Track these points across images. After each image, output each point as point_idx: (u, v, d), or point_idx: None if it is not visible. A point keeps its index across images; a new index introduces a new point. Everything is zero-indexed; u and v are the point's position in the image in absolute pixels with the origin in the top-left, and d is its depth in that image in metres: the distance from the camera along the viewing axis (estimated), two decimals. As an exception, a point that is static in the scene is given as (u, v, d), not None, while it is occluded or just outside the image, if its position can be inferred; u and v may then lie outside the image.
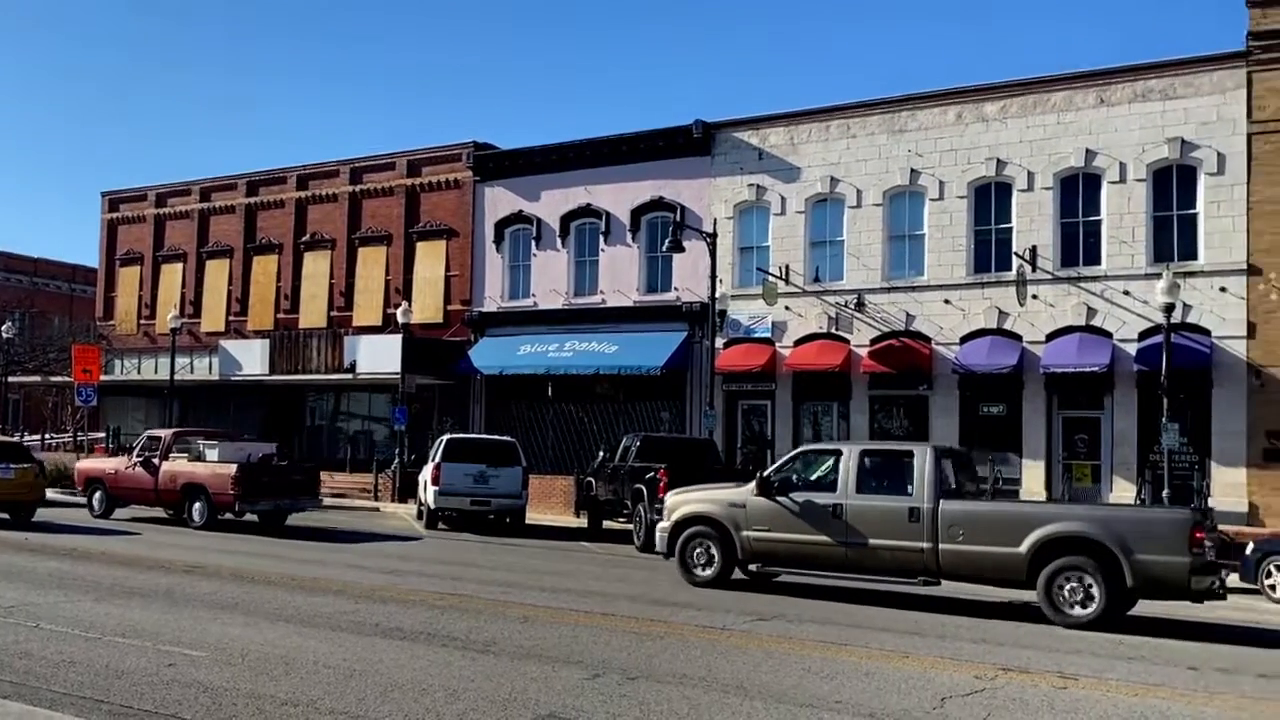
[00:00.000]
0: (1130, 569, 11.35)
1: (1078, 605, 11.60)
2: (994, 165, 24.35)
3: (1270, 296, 21.48)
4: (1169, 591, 11.60)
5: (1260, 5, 22.00)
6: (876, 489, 12.89)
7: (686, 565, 13.87)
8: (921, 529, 12.36)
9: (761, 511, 13.33)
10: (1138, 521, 11.83)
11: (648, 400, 28.66)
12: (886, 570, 12.70)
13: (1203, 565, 11.34)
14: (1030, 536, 11.82)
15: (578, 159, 30.19)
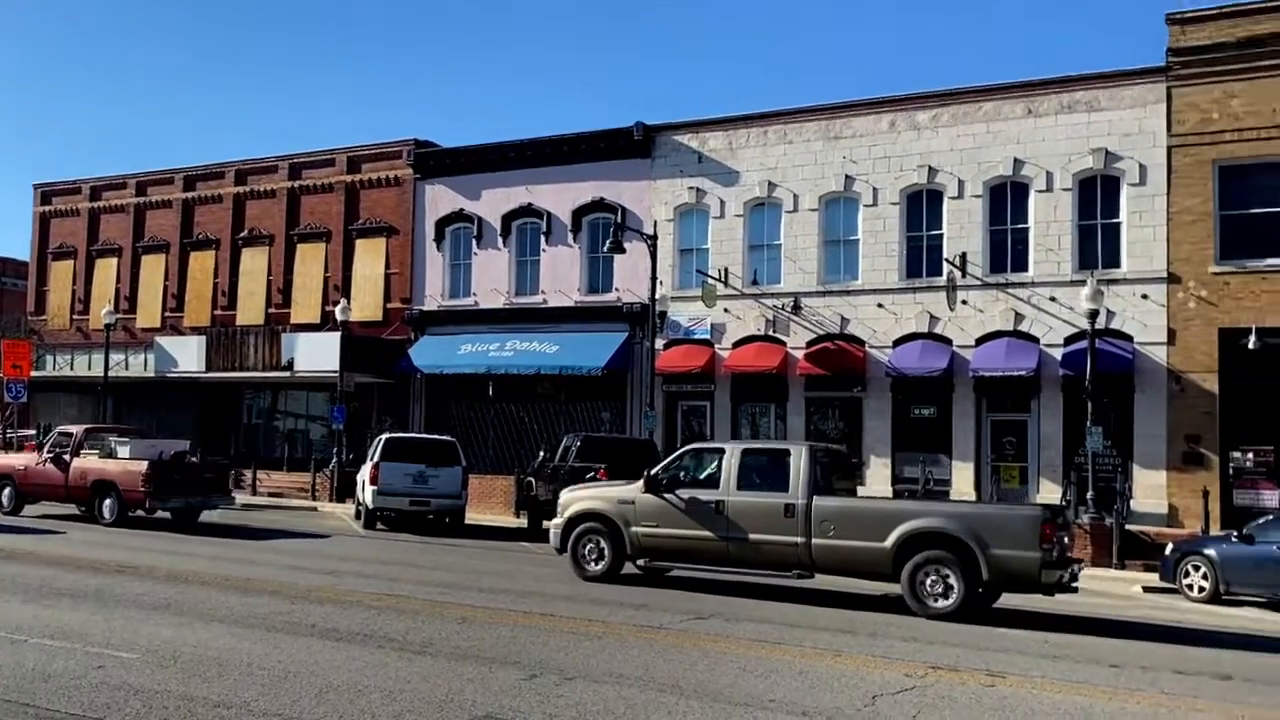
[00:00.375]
0: (986, 563, 11.93)
1: (938, 597, 12.15)
2: (926, 173, 24.96)
3: (1189, 304, 22.33)
4: (1021, 584, 12.17)
5: (1179, 23, 22.87)
6: (756, 486, 13.40)
7: (578, 561, 14.34)
8: (796, 524, 12.91)
9: (649, 508, 13.83)
10: (993, 518, 12.37)
11: (589, 400, 28.81)
12: (764, 564, 13.25)
13: (1053, 560, 11.93)
14: (895, 532, 12.38)
15: (519, 158, 30.21)
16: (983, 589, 12.26)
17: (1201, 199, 22.30)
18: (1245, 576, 15.93)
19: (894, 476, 24.74)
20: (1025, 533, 11.91)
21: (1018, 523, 12.12)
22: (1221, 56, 22.27)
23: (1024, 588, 12.28)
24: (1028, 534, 11.88)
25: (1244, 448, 21.86)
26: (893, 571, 12.46)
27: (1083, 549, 20.07)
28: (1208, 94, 22.42)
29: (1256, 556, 15.73)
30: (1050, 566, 11.89)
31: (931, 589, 12.21)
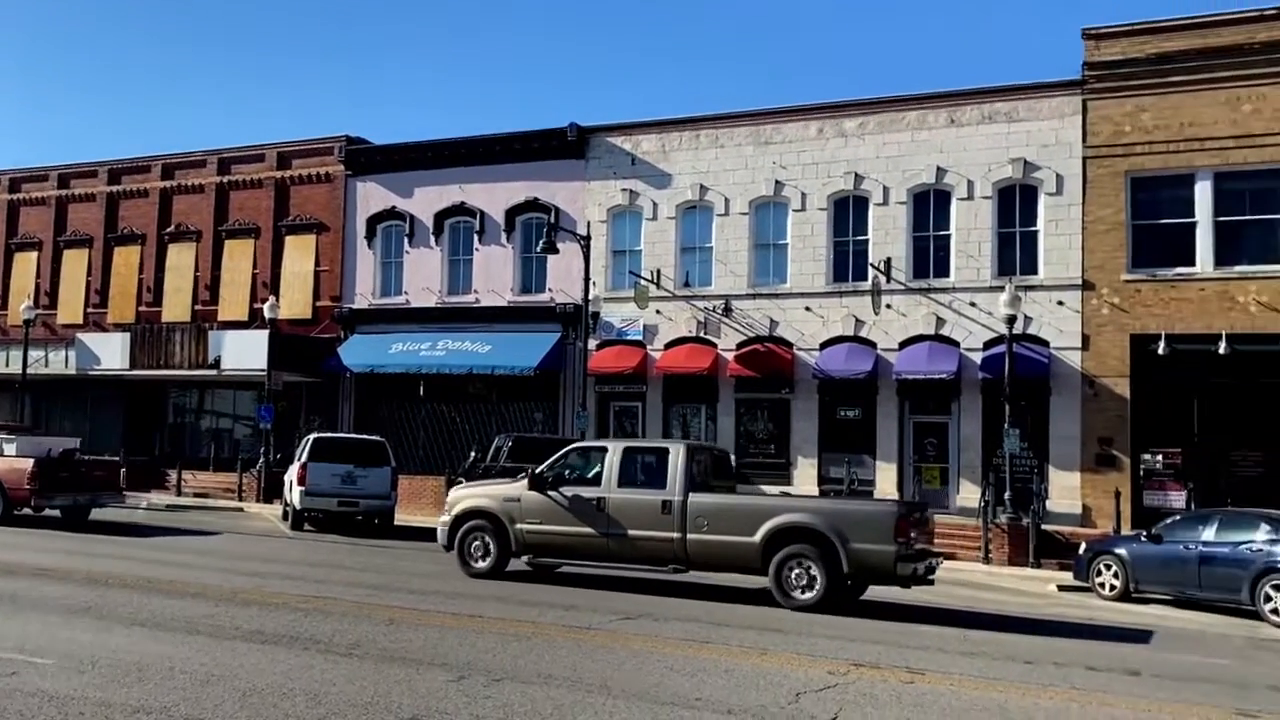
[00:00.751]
0: (846, 556, 12.49)
1: (803, 589, 12.65)
2: (852, 179, 25.50)
3: (1102, 311, 23.19)
4: (878, 576, 12.79)
5: (1094, 38, 23.73)
6: (636, 484, 13.78)
7: (464, 558, 14.63)
8: (673, 520, 13.35)
9: (534, 506, 14.17)
10: (853, 514, 12.94)
11: (521, 401, 28.83)
12: (643, 559, 13.68)
13: (907, 554, 12.50)
14: (764, 527, 12.88)
15: (452, 157, 30.09)
16: (844, 581, 12.80)
17: (1114, 209, 23.18)
18: (1153, 575, 16.54)
19: (820, 477, 25.24)
20: (882, 528, 12.50)
21: (875, 518, 12.72)
22: (1134, 71, 23.17)
23: (881, 579, 12.91)
24: (884, 529, 12.47)
25: (1154, 450, 22.76)
26: (761, 565, 12.95)
27: (1000, 548, 20.79)
28: (1120, 107, 23.32)
29: (1164, 556, 16.35)
30: (905, 560, 12.47)
31: (796, 581, 12.74)
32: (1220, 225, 22.45)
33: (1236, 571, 15.23)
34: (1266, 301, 21.81)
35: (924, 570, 12.89)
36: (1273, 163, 22.05)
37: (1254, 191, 22.37)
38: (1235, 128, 22.29)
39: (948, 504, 24.01)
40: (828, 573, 12.56)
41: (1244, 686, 9.53)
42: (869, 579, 13.06)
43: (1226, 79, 22.41)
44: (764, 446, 26.36)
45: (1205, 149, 22.49)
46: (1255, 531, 15.44)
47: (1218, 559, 15.59)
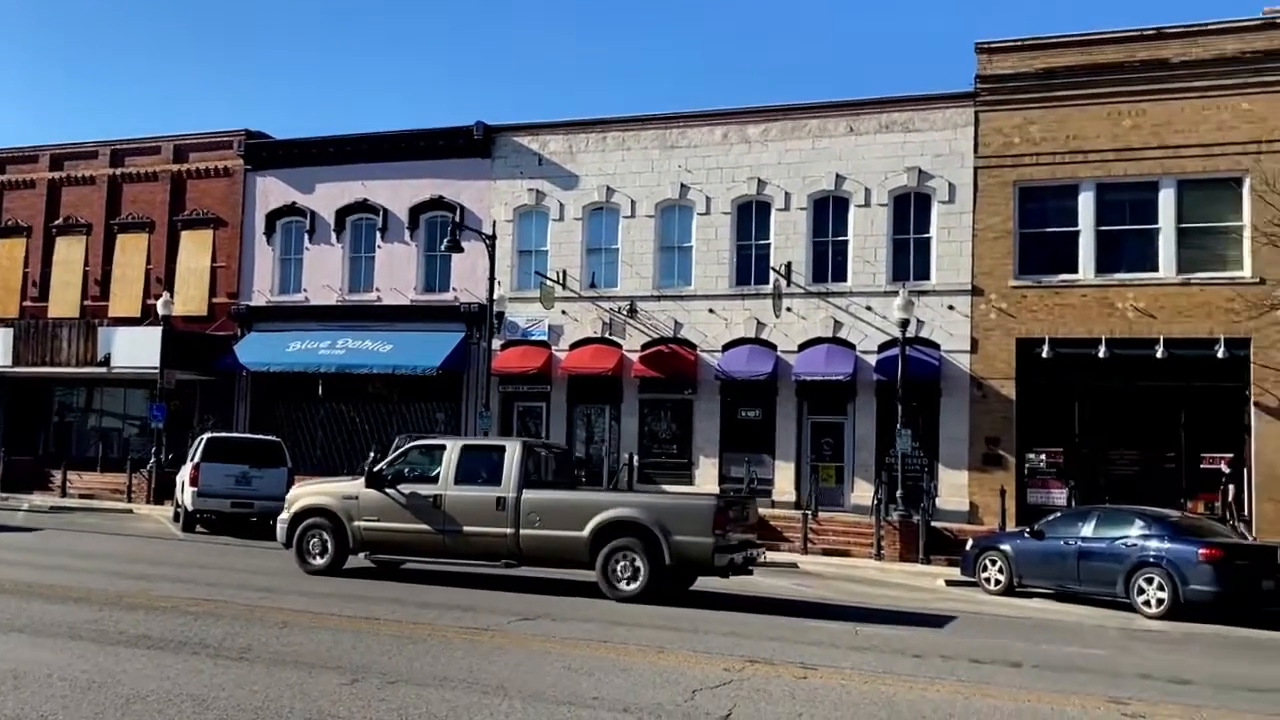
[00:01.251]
0: (668, 548, 12.87)
1: (628, 581, 13.00)
2: (755, 185, 25.96)
3: (990, 316, 24.09)
4: (698, 567, 13.25)
5: (987, 52, 24.65)
6: (473, 481, 14.02)
7: (303, 555, 14.68)
8: (507, 516, 13.63)
9: (372, 503, 14.29)
10: (675, 508, 13.36)
11: (423, 401, 28.52)
12: (477, 555, 13.95)
13: (725, 545, 12.99)
14: (592, 522, 13.22)
15: (355, 153, 29.61)
16: (666, 572, 13.14)
17: (1003, 217, 24.12)
18: (1036, 570, 17.13)
19: (721, 476, 25.61)
20: (702, 520, 12.89)
21: (695, 511, 13.12)
22: (1023, 85, 24.15)
23: (700, 570, 13.37)
24: (704, 521, 12.88)
25: (1037, 449, 23.76)
26: (590, 558, 13.25)
27: (892, 545, 21.42)
28: (1010, 119, 24.27)
29: (1045, 551, 16.97)
30: (723, 550, 12.94)
31: (621, 573, 13.05)
32: (1101, 234, 23.57)
33: (1112, 566, 15.88)
34: (1143, 308, 22.98)
35: (742, 561, 13.41)
36: (1150, 175, 23.25)
37: (1133, 202, 23.55)
38: (1116, 141, 23.43)
39: (843, 502, 24.66)
40: (651, 564, 12.92)
41: (1117, 675, 9.92)
42: (689, 569, 13.43)
43: (1108, 94, 23.53)
44: (667, 447, 26.63)
45: (1088, 161, 23.58)
46: (1130, 528, 16.13)
47: (1095, 554, 16.24)
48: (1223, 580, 14.88)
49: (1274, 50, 22.54)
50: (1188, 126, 23.00)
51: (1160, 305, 22.87)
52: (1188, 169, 22.99)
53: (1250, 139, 22.56)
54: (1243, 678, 10.21)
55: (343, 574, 14.44)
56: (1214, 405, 22.59)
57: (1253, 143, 22.52)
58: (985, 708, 8.02)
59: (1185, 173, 23.02)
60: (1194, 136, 22.93)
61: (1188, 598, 14.98)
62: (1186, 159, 22.96)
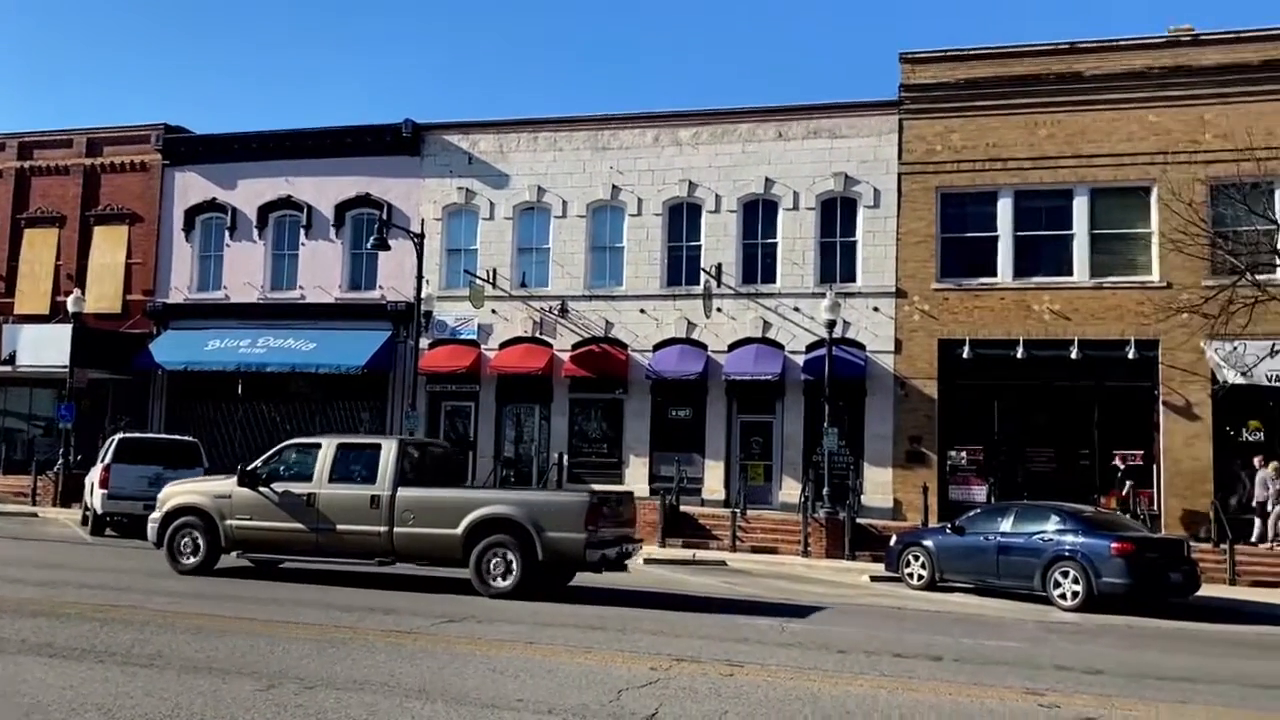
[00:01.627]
0: (541, 545, 13.03)
1: (500, 577, 13.12)
2: (686, 187, 26.10)
3: (913, 317, 24.57)
4: (570, 563, 13.41)
5: (910, 62, 25.15)
6: (348, 479, 14.00)
7: (174, 554, 14.59)
8: (381, 514, 13.64)
9: (245, 502, 14.24)
10: (549, 504, 13.54)
11: (348, 400, 28.04)
12: (351, 553, 13.94)
13: (597, 541, 13.16)
14: (466, 519, 13.29)
15: (279, 149, 29.00)
16: (539, 568, 13.27)
17: (926, 222, 24.62)
18: (957, 564, 17.47)
19: (651, 475, 25.67)
20: (574, 517, 13.04)
21: (568, 508, 13.26)
22: (945, 95, 24.70)
23: (572, 566, 13.53)
24: (576, 518, 13.02)
25: (959, 447, 24.32)
26: (464, 556, 13.31)
27: (819, 542, 21.69)
28: (932, 127, 24.80)
29: (966, 546, 17.31)
30: (595, 546, 13.09)
31: (495, 570, 13.15)
32: (1019, 240, 24.21)
33: (1030, 560, 16.27)
34: (1058, 310, 23.66)
35: (615, 556, 13.55)
36: (1065, 183, 23.97)
37: (1048, 209, 24.24)
38: (1033, 150, 24.09)
39: (771, 500, 24.90)
40: (524, 560, 13.02)
41: (1034, 667, 10.15)
42: (563, 565, 13.53)
43: (1026, 105, 24.21)
44: (597, 446, 26.61)
45: (1007, 169, 24.21)
46: (1047, 523, 16.54)
47: (1014, 549, 16.61)
48: (1134, 573, 15.37)
49: (1179, 66, 23.43)
50: (1100, 137, 23.77)
51: (1075, 308, 23.57)
52: (1100, 178, 23.75)
53: (1157, 150, 23.40)
54: (1152, 667, 10.54)
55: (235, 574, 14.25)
56: (1125, 404, 23.37)
57: (1159, 153, 23.36)
58: (907, 702, 8.13)
59: (1097, 181, 23.78)
60: (1105, 147, 23.70)
61: (1101, 590, 15.43)
62: (1099, 168, 23.72)
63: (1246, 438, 22.70)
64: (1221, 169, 22.31)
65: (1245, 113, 22.75)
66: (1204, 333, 21.88)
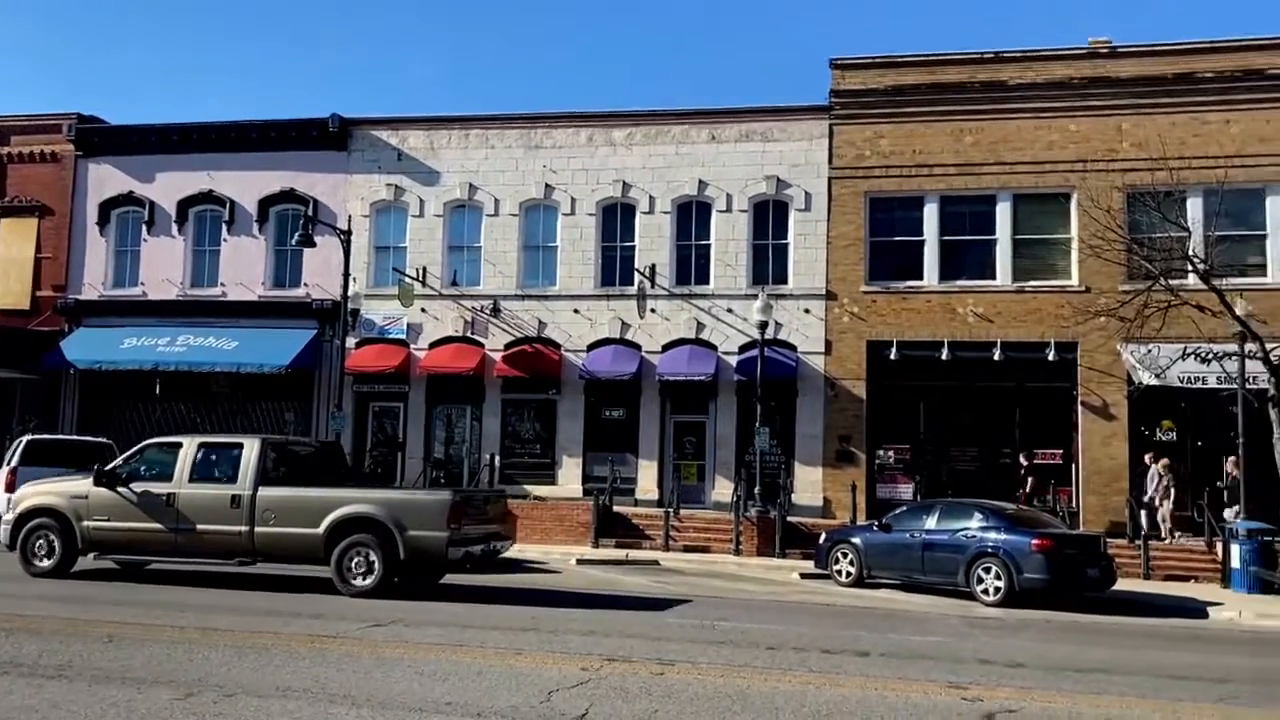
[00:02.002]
0: (403, 543, 13.12)
1: (361, 576, 13.19)
2: (620, 187, 26.09)
3: (843, 319, 24.91)
4: (432, 561, 13.48)
5: (841, 68, 25.50)
6: (208, 478, 13.97)
7: (27, 556, 14.41)
8: (242, 514, 13.63)
9: (102, 502, 14.11)
10: (410, 503, 13.59)
11: (272, 400, 27.41)
12: (211, 553, 13.92)
13: (460, 539, 13.29)
14: (328, 518, 13.34)
15: (200, 142, 28.22)
16: (400, 566, 13.32)
17: (855, 226, 24.98)
18: (884, 561, 17.76)
19: (585, 476, 25.60)
20: (436, 515, 13.13)
21: (430, 507, 13.35)
22: (874, 101, 25.09)
23: (435, 563, 13.58)
24: (438, 517, 13.11)
25: (886, 446, 24.73)
26: (325, 555, 13.34)
27: (750, 540, 21.85)
28: (862, 133, 25.17)
29: (892, 543, 17.61)
30: (458, 544, 13.21)
31: (356, 569, 13.21)
32: (945, 244, 24.70)
33: (954, 556, 16.60)
34: (981, 313, 24.20)
35: (481, 554, 13.72)
36: (989, 189, 24.53)
37: (973, 215, 24.78)
38: (958, 157, 24.61)
39: (704, 499, 25.03)
40: (385, 559, 13.06)
41: (958, 661, 10.36)
42: (425, 563, 13.57)
43: (952, 112, 24.71)
44: (530, 447, 26.44)
45: (933, 175, 24.68)
46: (970, 520, 16.90)
47: (938, 545, 16.93)
48: (1053, 569, 15.77)
49: (1098, 77, 24.15)
50: (1023, 145, 24.38)
51: (998, 311, 24.13)
52: (1022, 184, 24.35)
53: (1077, 158, 24.08)
54: (1070, 659, 10.81)
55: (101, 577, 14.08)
56: (1046, 404, 24.00)
57: (1079, 161, 24.04)
58: (834, 697, 8.22)
59: (1020, 188, 24.38)
60: (1028, 154, 24.32)
61: (1022, 585, 15.80)
62: (1021, 175, 24.33)
63: (1160, 437, 23.49)
64: (1137, 177, 23.04)
65: (1160, 123, 23.54)
66: (1120, 336, 22.58)
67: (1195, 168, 22.70)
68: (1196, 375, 22.29)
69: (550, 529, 22.86)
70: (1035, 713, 7.89)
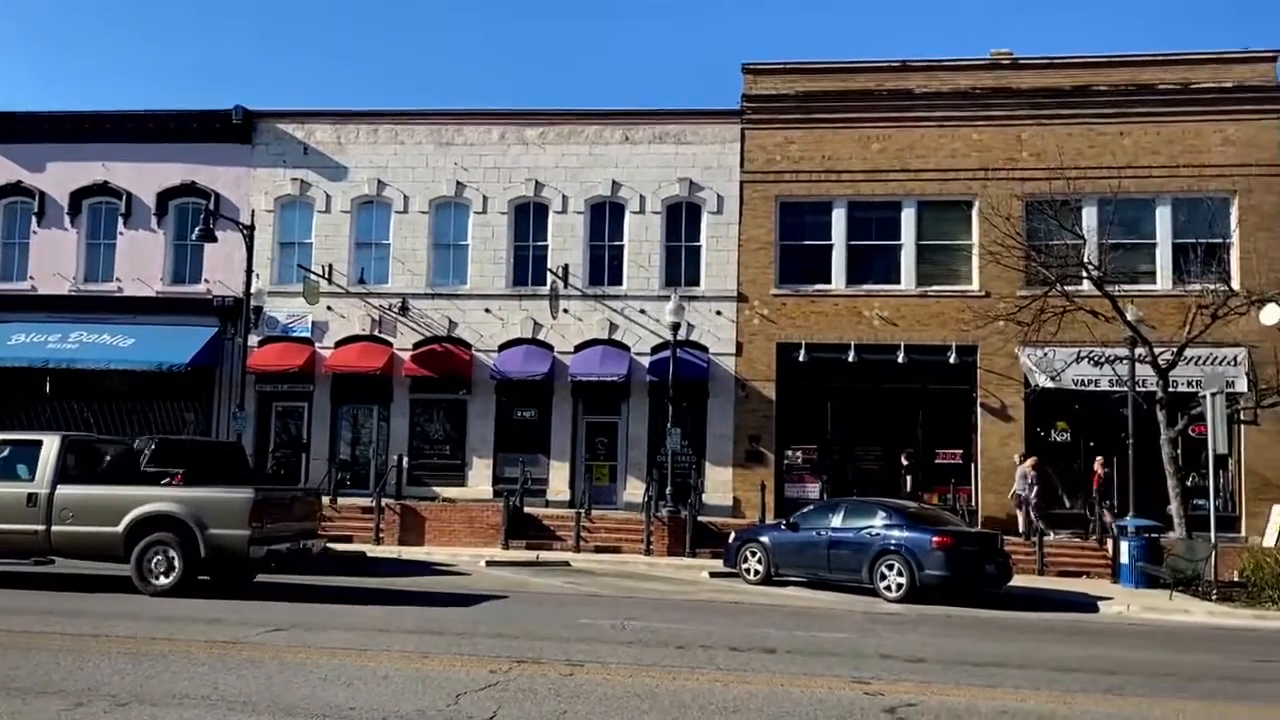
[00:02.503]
0: (204, 542, 13.25)
1: (162, 575, 13.29)
2: (533, 186, 25.97)
3: (754, 321, 25.23)
4: (233, 560, 13.60)
5: (752, 73, 25.83)
6: (5, 476, 13.87)
7: None
8: (38, 513, 13.58)
9: None
10: (212, 502, 13.62)
11: (171, 400, 26.50)
12: (6, 552, 13.87)
13: (263, 537, 13.44)
14: (128, 517, 13.38)
15: (95, 131, 27.12)
16: (201, 565, 13.38)
17: (766, 229, 25.34)
18: (791, 559, 18.04)
19: (495, 477, 25.40)
20: (238, 514, 13.26)
21: (231, 505, 13.43)
22: (784, 106, 25.48)
23: (236, 563, 13.68)
24: (239, 516, 13.24)
25: (795, 446, 25.14)
26: (125, 554, 13.36)
27: (661, 540, 21.98)
28: (773, 138, 25.54)
29: (799, 542, 17.91)
30: (260, 543, 13.34)
31: (156, 568, 13.29)
32: (852, 249, 25.23)
33: (858, 554, 16.96)
34: (886, 316, 24.80)
35: (288, 552, 13.80)
36: (894, 196, 25.12)
37: (879, 220, 25.36)
38: (866, 163, 25.15)
39: (616, 500, 25.08)
40: (186, 558, 13.15)
41: (861, 656, 10.59)
42: (227, 562, 13.61)
43: (860, 119, 25.25)
44: (440, 448, 26.12)
45: (841, 180, 25.19)
46: (874, 518, 17.29)
47: (843, 543, 17.28)
48: (952, 565, 16.25)
49: (1000, 88, 24.97)
50: (927, 152, 25.05)
51: (902, 315, 24.75)
52: (926, 191, 25.03)
53: (979, 166, 24.86)
54: (968, 653, 11.17)
55: None
56: (947, 406, 24.71)
57: (980, 170, 24.83)
58: (742, 694, 8.33)
59: (924, 195, 25.05)
60: (932, 162, 25.00)
61: (923, 582, 16.24)
62: (926, 182, 25.00)
63: (1055, 438, 24.42)
64: (1036, 186, 23.90)
65: (1058, 134, 24.44)
66: (1018, 339, 23.40)
67: (1091, 178, 23.65)
68: (1090, 378, 23.27)
69: (459, 531, 22.64)
70: (934, 706, 8.11)
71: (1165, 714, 8.26)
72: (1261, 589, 16.65)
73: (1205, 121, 24.17)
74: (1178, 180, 24.08)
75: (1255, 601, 16.48)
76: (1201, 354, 22.30)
